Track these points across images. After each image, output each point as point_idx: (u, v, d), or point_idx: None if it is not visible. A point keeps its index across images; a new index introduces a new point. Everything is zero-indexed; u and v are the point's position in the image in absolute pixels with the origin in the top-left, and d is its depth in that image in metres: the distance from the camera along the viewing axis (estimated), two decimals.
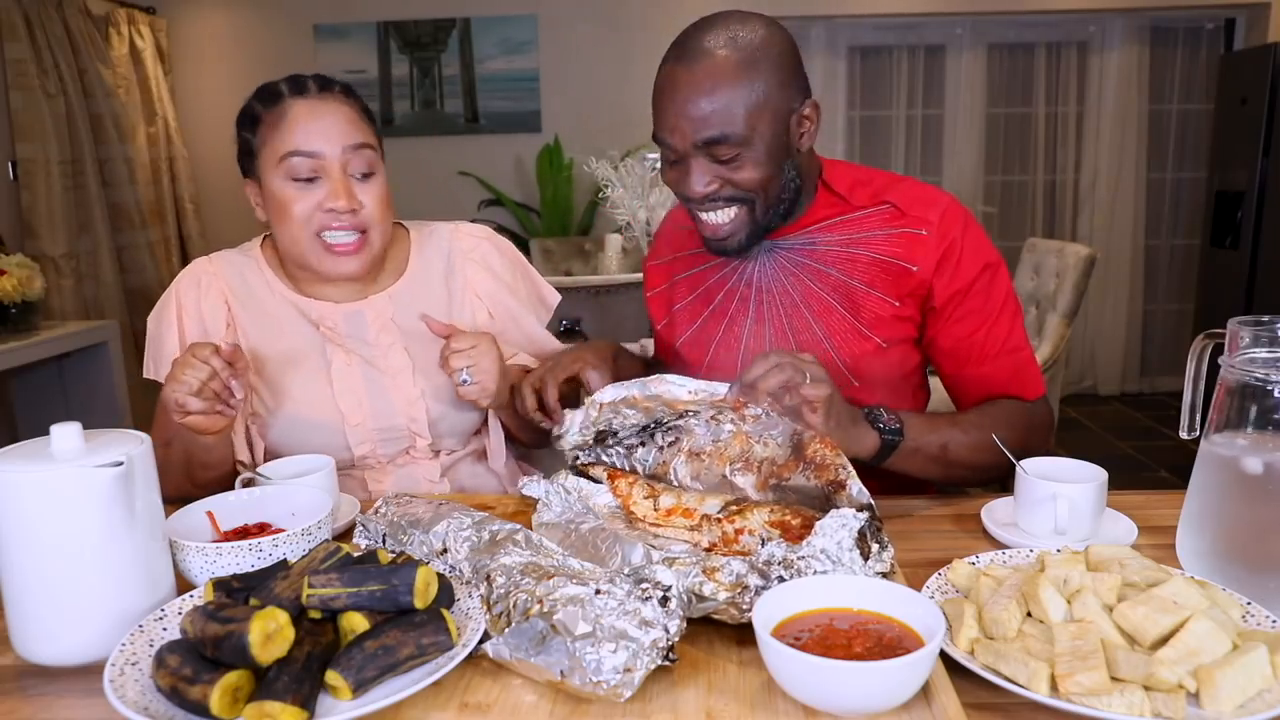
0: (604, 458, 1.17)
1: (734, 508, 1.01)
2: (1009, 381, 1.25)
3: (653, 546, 0.92)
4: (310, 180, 1.21)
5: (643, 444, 1.15)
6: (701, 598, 0.81)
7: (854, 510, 0.86)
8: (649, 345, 1.61)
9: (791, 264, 1.27)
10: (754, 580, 0.81)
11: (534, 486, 1.12)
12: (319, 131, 1.20)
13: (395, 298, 1.34)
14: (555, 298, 1.47)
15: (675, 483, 1.11)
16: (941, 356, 1.27)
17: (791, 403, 1.02)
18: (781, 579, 0.81)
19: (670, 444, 1.13)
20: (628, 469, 1.15)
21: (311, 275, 1.29)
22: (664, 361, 1.46)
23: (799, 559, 0.82)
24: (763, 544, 0.88)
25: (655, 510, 1.05)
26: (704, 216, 1.20)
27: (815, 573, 0.81)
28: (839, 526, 0.84)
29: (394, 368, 1.30)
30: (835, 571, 0.82)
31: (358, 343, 1.30)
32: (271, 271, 1.32)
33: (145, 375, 1.30)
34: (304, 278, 1.31)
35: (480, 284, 1.39)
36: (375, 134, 1.27)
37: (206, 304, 1.29)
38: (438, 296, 1.36)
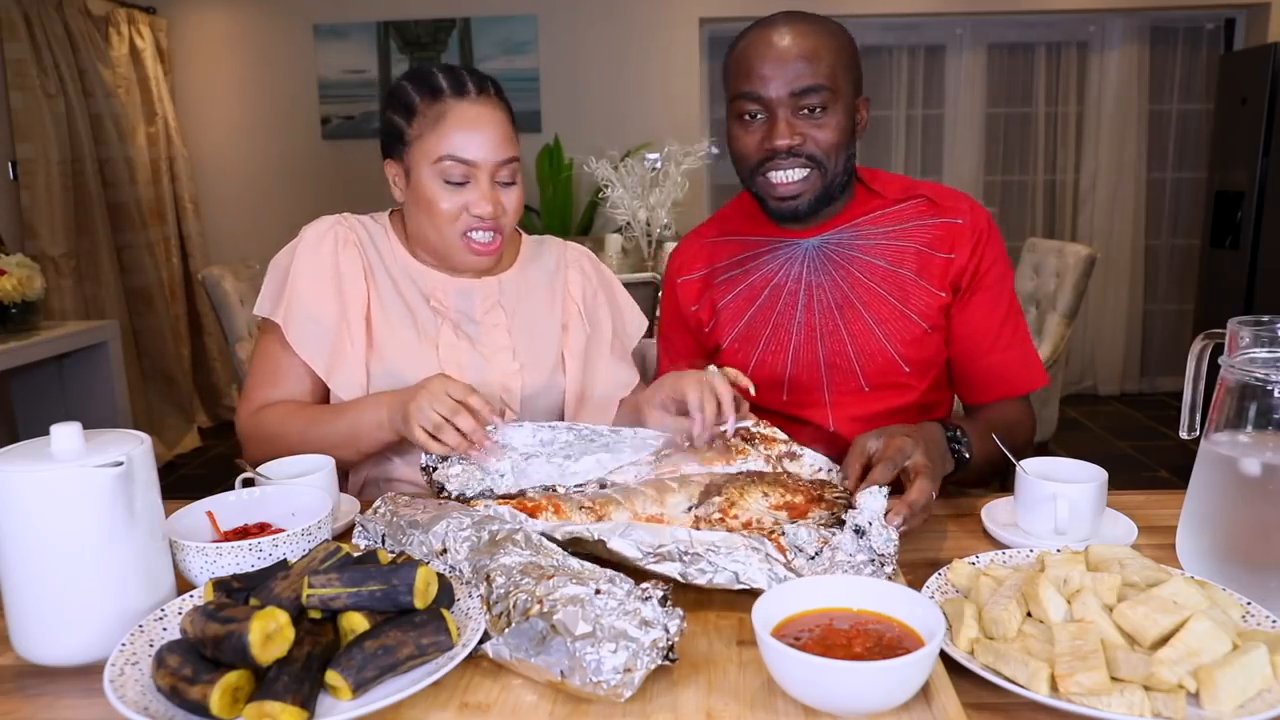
0: (484, 488, 1.11)
1: (718, 499, 1.00)
2: (1019, 372, 1.30)
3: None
4: (460, 184, 1.27)
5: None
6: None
7: (878, 487, 0.93)
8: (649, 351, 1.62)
9: (840, 258, 1.32)
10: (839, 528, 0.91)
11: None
12: (476, 141, 1.26)
13: (504, 284, 1.41)
14: (641, 327, 1.52)
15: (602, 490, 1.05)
16: (957, 343, 1.31)
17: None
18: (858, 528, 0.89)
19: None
20: (515, 494, 1.09)
21: (439, 260, 1.36)
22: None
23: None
24: (782, 532, 0.90)
25: None
26: (775, 176, 1.25)
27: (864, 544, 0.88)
28: (875, 500, 0.91)
29: (495, 345, 1.37)
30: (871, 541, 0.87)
31: (464, 318, 1.37)
32: (396, 239, 1.39)
33: (256, 312, 1.33)
34: (427, 255, 1.38)
35: (576, 288, 1.46)
36: (518, 140, 1.34)
37: (345, 256, 1.33)
38: (540, 292, 1.44)
